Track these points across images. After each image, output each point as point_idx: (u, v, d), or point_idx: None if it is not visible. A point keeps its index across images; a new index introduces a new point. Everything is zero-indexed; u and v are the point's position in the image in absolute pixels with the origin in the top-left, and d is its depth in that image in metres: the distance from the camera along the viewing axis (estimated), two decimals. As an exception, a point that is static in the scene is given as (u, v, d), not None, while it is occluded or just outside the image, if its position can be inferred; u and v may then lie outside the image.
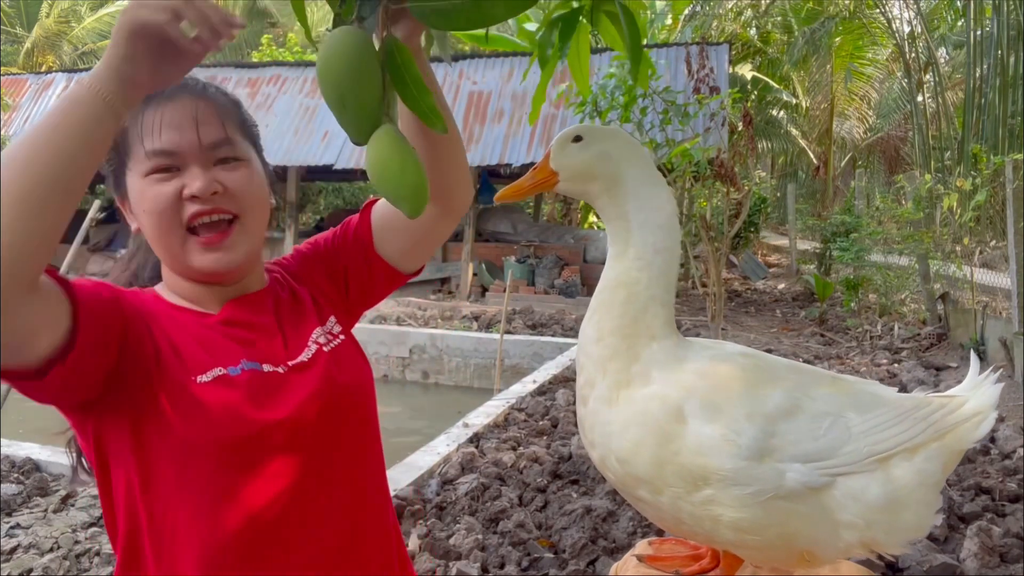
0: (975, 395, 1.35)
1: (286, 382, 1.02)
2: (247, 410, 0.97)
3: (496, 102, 11.40)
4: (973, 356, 1.49)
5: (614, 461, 1.28)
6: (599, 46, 10.09)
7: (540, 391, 5.36)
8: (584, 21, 1.27)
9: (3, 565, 2.87)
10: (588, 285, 10.83)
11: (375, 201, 1.20)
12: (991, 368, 1.43)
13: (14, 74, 15.71)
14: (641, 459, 1.24)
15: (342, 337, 1.13)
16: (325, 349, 1.09)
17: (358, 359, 1.14)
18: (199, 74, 1.03)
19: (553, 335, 8.13)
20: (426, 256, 1.21)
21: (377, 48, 0.84)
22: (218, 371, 0.98)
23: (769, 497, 1.20)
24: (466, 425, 4.41)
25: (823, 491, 1.23)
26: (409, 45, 0.88)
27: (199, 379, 0.96)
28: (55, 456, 3.97)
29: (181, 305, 1.05)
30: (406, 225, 1.13)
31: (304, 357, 1.06)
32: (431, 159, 1.06)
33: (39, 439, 4.33)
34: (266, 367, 1.02)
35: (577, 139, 1.31)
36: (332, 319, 1.15)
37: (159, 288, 1.08)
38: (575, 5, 1.19)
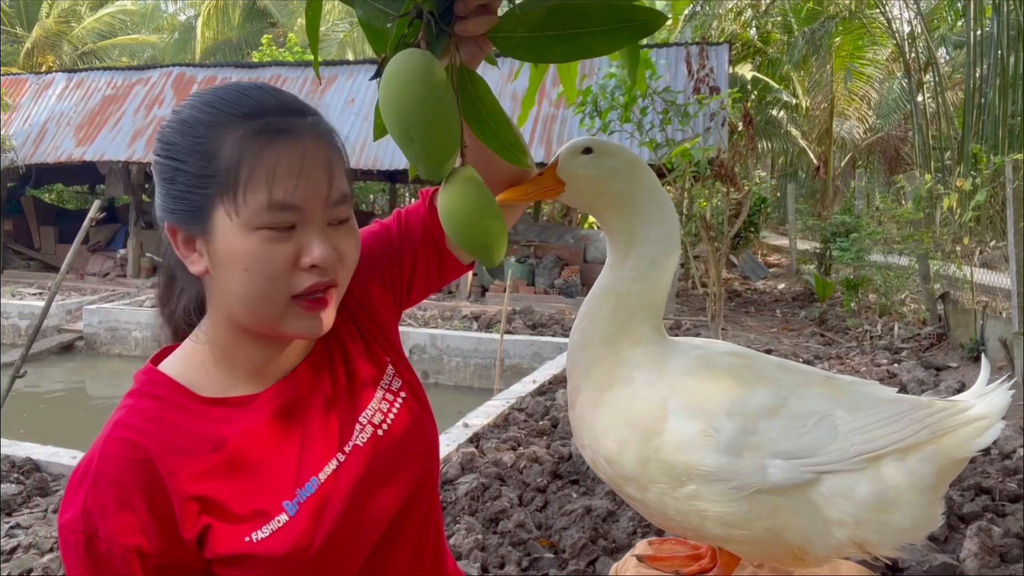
0: (981, 401, 1.32)
1: (344, 477, 0.91)
2: (306, 547, 0.86)
3: (496, 101, 11.38)
4: (984, 361, 1.44)
5: (603, 462, 1.29)
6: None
7: (540, 391, 5.36)
8: None
9: (3, 565, 2.87)
10: (588, 285, 10.82)
11: (433, 191, 1.08)
12: (1006, 376, 1.39)
13: (14, 74, 15.72)
14: (626, 458, 1.25)
15: (403, 395, 1.00)
16: (381, 431, 0.96)
17: (418, 418, 1.01)
18: (201, 74, 0.96)
19: (553, 335, 8.13)
20: None
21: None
22: (275, 524, 0.85)
23: (753, 491, 1.21)
24: (466, 425, 4.41)
25: (809, 487, 1.23)
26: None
27: (254, 537, 0.84)
28: (55, 456, 3.98)
29: (219, 398, 0.90)
30: None
31: (359, 440, 0.94)
32: (493, 171, 0.98)
33: (39, 439, 4.34)
34: (322, 475, 0.90)
35: (587, 151, 1.29)
36: (390, 370, 1.02)
37: (191, 350, 0.93)
38: None
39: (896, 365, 6.25)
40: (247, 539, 0.84)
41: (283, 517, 0.86)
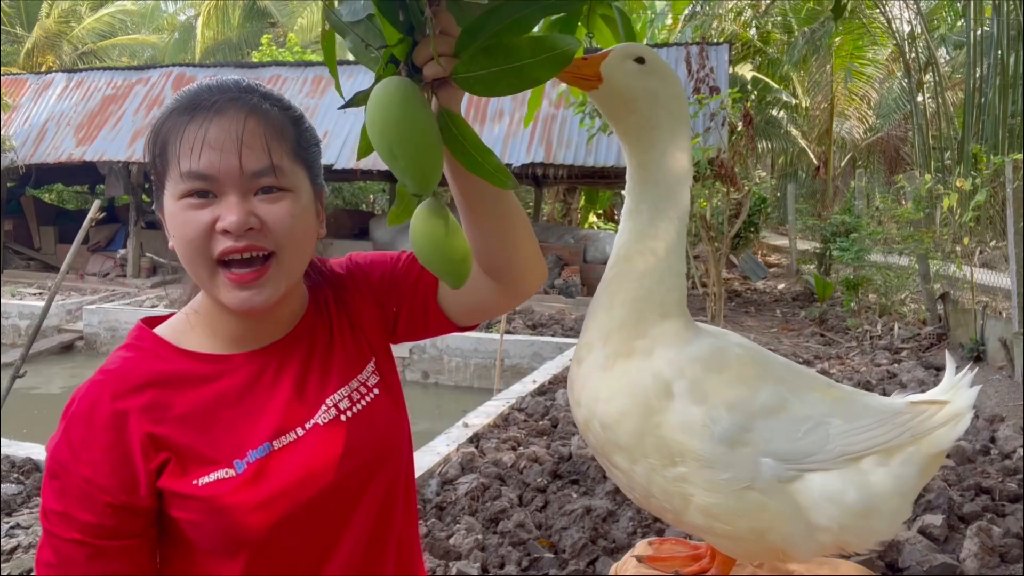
0: (955, 397, 1.36)
1: (298, 450, 0.95)
2: (248, 505, 0.91)
3: (496, 101, 11.38)
4: (948, 356, 1.50)
5: (597, 425, 1.27)
6: (597, 46, 10.09)
7: (540, 391, 5.36)
8: (580, 24, 1.27)
9: (3, 565, 2.87)
10: (588, 285, 10.82)
11: None
12: (968, 367, 1.44)
13: (14, 74, 15.71)
14: (623, 427, 1.23)
15: (376, 392, 1.05)
16: (344, 417, 1.00)
17: (389, 416, 1.05)
18: (201, 74, 1.00)
19: (553, 335, 8.13)
20: (484, 320, 1.16)
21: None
22: (222, 474, 0.91)
23: (743, 487, 1.21)
24: (466, 425, 4.41)
25: (798, 490, 1.23)
26: (452, 109, 0.85)
27: (199, 481, 0.91)
28: (55, 456, 3.97)
29: (197, 352, 0.98)
30: (472, 291, 1.06)
31: (320, 419, 0.98)
32: (492, 241, 1.03)
33: (39, 439, 4.34)
34: (277, 443, 0.95)
35: (639, 60, 1.23)
36: (371, 366, 1.06)
37: (183, 316, 1.01)
38: None
39: (896, 365, 6.25)
40: (194, 482, 0.90)
41: (230, 471, 0.92)
